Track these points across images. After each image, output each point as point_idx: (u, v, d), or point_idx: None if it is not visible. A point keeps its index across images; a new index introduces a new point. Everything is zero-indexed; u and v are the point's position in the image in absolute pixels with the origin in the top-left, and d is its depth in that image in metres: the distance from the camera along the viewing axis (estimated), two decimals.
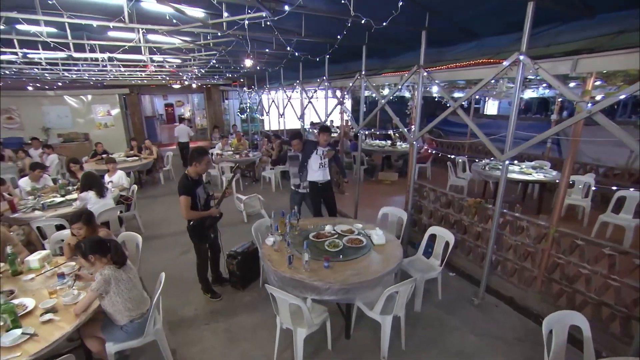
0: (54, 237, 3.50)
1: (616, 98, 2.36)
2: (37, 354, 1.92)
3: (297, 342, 2.61)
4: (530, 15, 2.76)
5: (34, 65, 6.37)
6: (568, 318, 2.24)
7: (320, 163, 4.50)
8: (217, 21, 3.47)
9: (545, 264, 3.42)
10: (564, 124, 2.66)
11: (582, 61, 2.77)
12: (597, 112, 2.42)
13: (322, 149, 4.49)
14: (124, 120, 12.40)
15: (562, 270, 3.30)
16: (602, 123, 2.41)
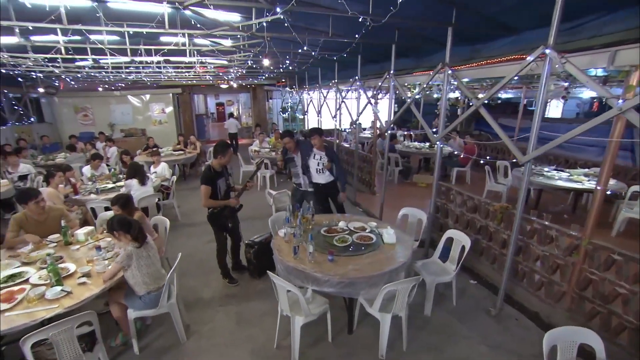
0: (101, 216, 4.05)
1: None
2: (70, 307, 2.31)
3: (295, 330, 2.74)
4: (559, 4, 2.58)
5: (102, 69, 7.36)
6: (578, 335, 2.07)
7: (318, 169, 4.52)
8: (246, 23, 3.75)
9: (576, 279, 3.14)
10: (589, 124, 2.44)
11: (621, 53, 2.52)
12: (629, 110, 2.20)
13: (320, 153, 4.49)
14: (176, 117, 13.62)
15: (596, 288, 3.00)
16: (635, 122, 2.18)
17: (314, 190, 4.64)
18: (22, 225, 3.32)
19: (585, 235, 3.04)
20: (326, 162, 4.45)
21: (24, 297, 2.37)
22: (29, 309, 2.27)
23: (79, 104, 11.96)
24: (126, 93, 12.37)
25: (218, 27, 3.79)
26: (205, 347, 2.95)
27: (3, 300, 2.33)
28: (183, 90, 13.66)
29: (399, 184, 7.98)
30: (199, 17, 3.79)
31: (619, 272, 2.82)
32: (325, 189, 4.61)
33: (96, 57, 5.95)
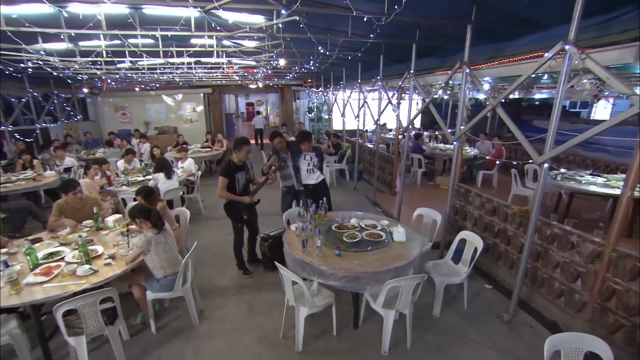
0: (129, 206, 4.40)
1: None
2: (96, 284, 2.58)
3: (299, 320, 2.85)
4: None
5: (138, 70, 7.94)
6: (584, 342, 2.00)
7: (308, 169, 4.57)
8: (261, 24, 3.93)
9: (598, 288, 2.99)
10: (609, 122, 2.34)
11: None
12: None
13: (309, 154, 4.54)
14: (206, 116, 14.27)
15: (620, 298, 2.84)
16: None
17: (305, 190, 4.69)
18: (62, 210, 3.71)
19: (609, 241, 2.90)
20: (316, 162, 4.53)
21: (59, 272, 2.68)
22: (62, 283, 2.57)
23: (119, 103, 12.92)
24: (160, 93, 13.18)
25: (239, 29, 3.98)
26: (216, 331, 3.14)
27: (42, 274, 2.65)
28: (213, 90, 14.29)
29: (421, 186, 7.86)
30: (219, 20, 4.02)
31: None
32: (316, 189, 4.65)
33: (133, 60, 6.45)
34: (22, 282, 2.54)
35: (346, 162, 8.82)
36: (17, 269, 2.66)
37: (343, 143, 9.59)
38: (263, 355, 2.87)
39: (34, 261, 2.80)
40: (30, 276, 2.62)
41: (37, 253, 2.89)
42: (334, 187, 8.24)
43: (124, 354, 2.72)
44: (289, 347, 2.92)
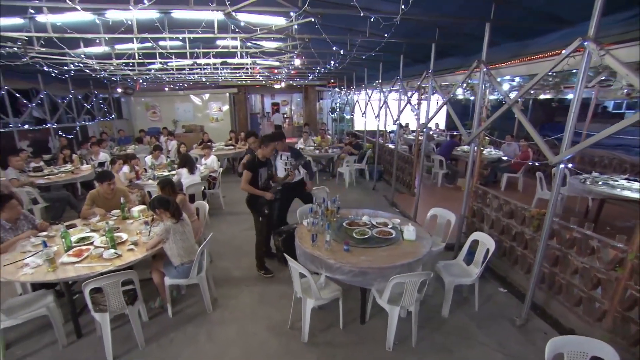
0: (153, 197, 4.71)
1: None
2: (119, 266, 2.83)
3: (306, 311, 2.96)
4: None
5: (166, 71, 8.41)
6: (589, 346, 1.96)
7: (286, 168, 4.48)
8: (283, 25, 4.08)
9: (619, 296, 2.87)
10: (622, 124, 2.26)
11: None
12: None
13: (285, 154, 4.50)
14: (231, 115, 14.76)
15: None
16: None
17: (282, 189, 4.45)
18: (94, 200, 4.05)
19: (632, 248, 2.78)
20: (293, 161, 4.50)
21: (88, 255, 2.96)
22: (91, 264, 2.83)
23: (149, 103, 13.68)
24: (188, 92, 13.81)
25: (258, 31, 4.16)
26: (227, 318, 3.32)
27: (74, 255, 2.93)
28: (239, 90, 14.75)
29: (442, 188, 7.74)
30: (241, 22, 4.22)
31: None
32: (294, 187, 4.62)
33: (163, 61, 6.86)
34: (58, 261, 2.83)
35: (366, 162, 8.84)
36: (54, 250, 2.96)
37: (363, 143, 9.61)
38: (270, 343, 3.00)
39: (68, 244, 3.10)
40: (64, 256, 2.91)
41: (71, 237, 3.20)
42: (353, 186, 8.30)
43: (142, 333, 2.95)
44: (295, 338, 3.04)
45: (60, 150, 7.34)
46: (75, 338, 3.01)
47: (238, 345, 2.96)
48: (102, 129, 10.94)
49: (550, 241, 3.50)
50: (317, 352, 2.89)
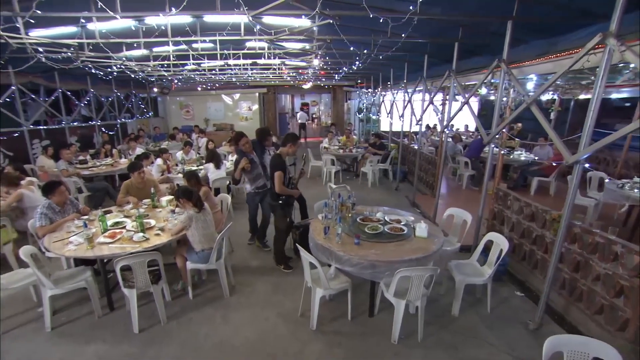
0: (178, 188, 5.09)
1: None
2: (146, 248, 3.14)
3: (315, 300, 3.11)
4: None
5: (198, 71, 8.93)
6: (590, 347, 1.95)
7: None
8: (303, 27, 4.27)
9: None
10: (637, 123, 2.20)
11: None
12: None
13: (272, 150, 4.56)
14: (260, 114, 15.26)
15: None
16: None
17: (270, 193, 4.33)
18: (128, 189, 4.47)
19: None
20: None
21: (121, 237, 3.30)
22: (122, 245, 3.18)
23: (184, 102, 14.50)
24: (220, 92, 14.48)
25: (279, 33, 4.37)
26: (242, 303, 3.55)
27: (109, 237, 3.29)
28: (268, 90, 15.23)
29: (467, 190, 7.58)
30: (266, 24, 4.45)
31: None
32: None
33: (196, 62, 7.33)
34: (95, 241, 3.20)
35: (390, 162, 8.84)
36: (93, 231, 3.34)
37: (388, 144, 9.61)
38: (280, 328, 3.19)
39: (104, 227, 3.48)
40: (100, 237, 3.28)
41: (107, 221, 3.58)
42: (376, 186, 8.34)
43: (165, 311, 3.25)
44: (304, 325, 3.20)
45: (102, 145, 8.05)
46: (108, 311, 3.37)
47: (250, 328, 3.17)
48: (140, 126, 11.77)
49: (571, 246, 3.42)
50: (323, 339, 3.04)
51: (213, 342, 2.99)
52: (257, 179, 4.48)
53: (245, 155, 4.33)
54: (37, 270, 2.91)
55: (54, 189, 3.64)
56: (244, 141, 4.33)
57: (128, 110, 11.40)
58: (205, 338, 3.04)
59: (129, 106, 11.17)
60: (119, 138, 10.42)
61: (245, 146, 4.33)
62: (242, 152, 4.37)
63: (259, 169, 4.47)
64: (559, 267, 3.58)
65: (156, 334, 3.09)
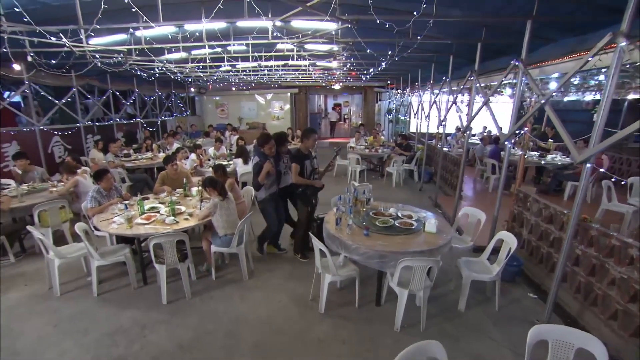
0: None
1: None
2: (176, 230, 3.57)
3: (324, 285, 3.37)
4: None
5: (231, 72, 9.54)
6: (575, 337, 2.04)
7: (285, 171, 4.51)
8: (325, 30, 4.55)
9: None
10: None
11: None
12: None
13: (285, 157, 4.53)
14: (291, 114, 15.78)
15: None
16: None
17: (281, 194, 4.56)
18: (163, 179, 5.00)
19: None
20: (288, 163, 4.48)
21: (155, 220, 3.78)
22: (156, 226, 3.64)
23: (219, 101, 15.38)
24: (253, 92, 15.19)
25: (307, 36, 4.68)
26: (259, 286, 3.89)
27: (145, 219, 3.78)
28: (299, 91, 15.70)
29: (493, 192, 7.44)
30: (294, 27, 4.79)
31: None
32: (285, 191, 4.60)
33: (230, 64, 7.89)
34: (134, 221, 3.70)
35: (416, 163, 8.87)
36: (132, 214, 3.84)
37: (415, 144, 9.62)
38: (290, 309, 3.48)
39: (142, 210, 3.98)
40: (138, 219, 3.77)
41: (144, 206, 4.09)
42: (400, 186, 8.43)
43: (190, 288, 3.67)
44: (313, 308, 3.47)
45: (144, 141, 8.86)
46: (142, 284, 3.86)
47: (264, 307, 3.50)
48: (178, 123, 12.70)
49: (588, 249, 3.39)
50: (329, 322, 3.29)
51: (229, 317, 3.35)
52: (272, 184, 4.36)
53: (267, 158, 4.18)
54: (87, 243, 3.44)
55: (102, 176, 4.22)
56: (270, 145, 4.20)
57: (168, 109, 12.37)
58: (223, 313, 3.41)
59: (169, 105, 12.13)
60: (159, 134, 11.34)
61: (269, 150, 4.20)
62: (264, 154, 4.18)
63: (274, 176, 4.37)
64: (574, 270, 3.56)
65: (181, 306, 3.51)
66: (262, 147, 4.19)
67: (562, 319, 3.41)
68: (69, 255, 3.70)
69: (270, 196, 4.33)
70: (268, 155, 4.19)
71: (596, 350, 1.95)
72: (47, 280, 3.80)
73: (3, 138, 6.50)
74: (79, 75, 7.62)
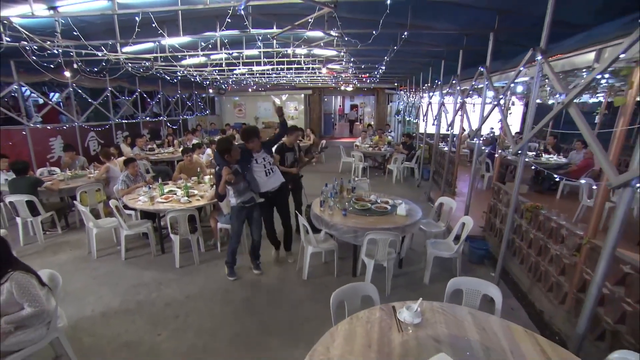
0: None
1: None
2: (188, 207, 4.38)
3: (306, 255, 4.08)
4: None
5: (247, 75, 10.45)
6: (482, 286, 2.64)
7: (266, 170, 4.09)
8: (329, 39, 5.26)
9: (576, 280, 3.25)
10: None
11: None
12: None
13: (260, 155, 4.05)
14: (305, 114, 16.59)
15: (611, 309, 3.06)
16: None
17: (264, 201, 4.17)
18: (181, 168, 5.89)
19: (587, 233, 3.15)
20: (272, 160, 4.18)
21: (172, 199, 4.62)
22: (172, 204, 4.48)
23: (237, 102, 16.42)
24: (269, 93, 16.12)
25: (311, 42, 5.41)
26: None
27: (164, 199, 4.62)
28: (313, 92, 16.49)
29: (486, 190, 7.88)
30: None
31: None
32: (274, 197, 4.26)
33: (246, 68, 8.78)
34: (155, 200, 4.55)
35: (416, 161, 9.40)
36: (154, 194, 4.70)
37: (417, 143, 10.14)
38: (279, 275, 4.22)
39: (161, 192, 4.84)
40: (158, 198, 4.63)
41: (163, 189, 4.96)
42: (400, 183, 9.00)
43: (199, 257, 4.48)
44: (298, 276, 4.19)
45: (166, 137, 9.90)
46: (160, 253, 4.72)
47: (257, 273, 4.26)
48: (198, 122, 13.79)
49: (537, 232, 3.91)
50: (311, 286, 3.99)
51: (228, 278, 4.12)
52: (245, 191, 3.92)
53: (227, 164, 3.72)
54: (118, 215, 4.32)
55: (129, 163, 5.14)
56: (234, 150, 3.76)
57: (189, 108, 13.49)
58: (224, 276, 4.18)
59: (190, 105, 13.24)
60: (180, 132, 12.43)
61: (233, 153, 3.75)
62: (224, 160, 3.71)
63: (244, 182, 3.92)
64: (529, 252, 4.08)
65: (191, 269, 4.33)
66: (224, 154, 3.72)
67: (514, 293, 3.95)
68: (104, 226, 4.61)
69: (242, 204, 3.89)
70: (228, 160, 3.73)
71: (495, 295, 2.56)
72: (86, 247, 4.74)
73: (50, 133, 7.65)
74: (112, 78, 8.73)
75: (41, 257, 4.66)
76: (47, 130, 7.64)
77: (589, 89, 7.35)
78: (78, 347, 2.89)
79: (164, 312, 3.51)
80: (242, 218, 4.06)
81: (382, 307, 2.37)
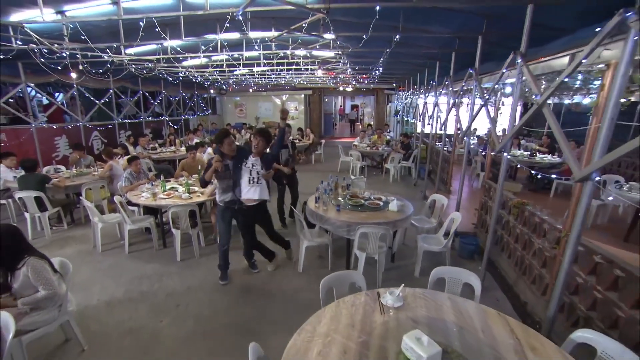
0: None
1: None
2: (189, 202, 4.59)
3: (302, 249, 4.28)
4: None
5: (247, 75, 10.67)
6: (463, 275, 2.83)
7: (251, 178, 3.82)
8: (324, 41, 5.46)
9: (555, 271, 3.42)
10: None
11: None
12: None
13: (254, 159, 3.85)
14: (305, 114, 16.80)
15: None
16: None
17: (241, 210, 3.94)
18: (183, 166, 6.10)
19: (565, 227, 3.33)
20: (263, 172, 3.90)
21: (173, 195, 4.83)
22: (174, 200, 4.68)
23: (238, 102, 16.65)
24: (270, 93, 16.36)
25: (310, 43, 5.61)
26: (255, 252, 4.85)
27: (166, 195, 4.83)
28: (313, 92, 16.70)
29: (481, 189, 8.04)
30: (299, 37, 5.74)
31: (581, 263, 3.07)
32: (252, 212, 4.00)
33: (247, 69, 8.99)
34: (157, 196, 4.76)
35: (413, 160, 9.58)
36: (156, 190, 4.91)
37: (414, 143, 10.32)
38: (277, 270, 4.41)
39: (164, 189, 5.05)
40: (160, 194, 4.84)
41: (165, 186, 5.16)
42: (397, 182, 9.19)
43: (199, 251, 4.68)
44: (293, 268, 4.39)
45: (168, 136, 10.12)
46: (162, 247, 4.93)
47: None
48: (200, 121, 14.02)
49: (524, 227, 4.10)
50: (305, 278, 4.19)
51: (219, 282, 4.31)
52: (227, 190, 3.85)
53: (222, 155, 3.72)
54: (122, 210, 4.53)
55: (132, 161, 5.35)
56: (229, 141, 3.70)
57: (191, 108, 13.73)
58: None
59: (191, 105, 13.47)
60: (182, 131, 12.66)
61: (225, 145, 3.69)
62: (221, 152, 3.72)
63: (230, 180, 3.82)
64: (515, 247, 4.26)
65: (191, 263, 4.53)
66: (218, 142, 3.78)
67: (501, 286, 4.14)
68: (109, 221, 4.83)
69: (225, 205, 3.90)
70: (224, 152, 3.72)
71: (474, 283, 2.74)
72: (91, 241, 4.96)
73: (55, 132, 7.89)
74: (115, 79, 8.96)
75: (48, 250, 4.84)
76: (52, 129, 7.88)
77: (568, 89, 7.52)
78: (85, 332, 3.09)
79: (166, 301, 3.72)
80: (227, 219, 3.97)
81: (367, 292, 2.56)
